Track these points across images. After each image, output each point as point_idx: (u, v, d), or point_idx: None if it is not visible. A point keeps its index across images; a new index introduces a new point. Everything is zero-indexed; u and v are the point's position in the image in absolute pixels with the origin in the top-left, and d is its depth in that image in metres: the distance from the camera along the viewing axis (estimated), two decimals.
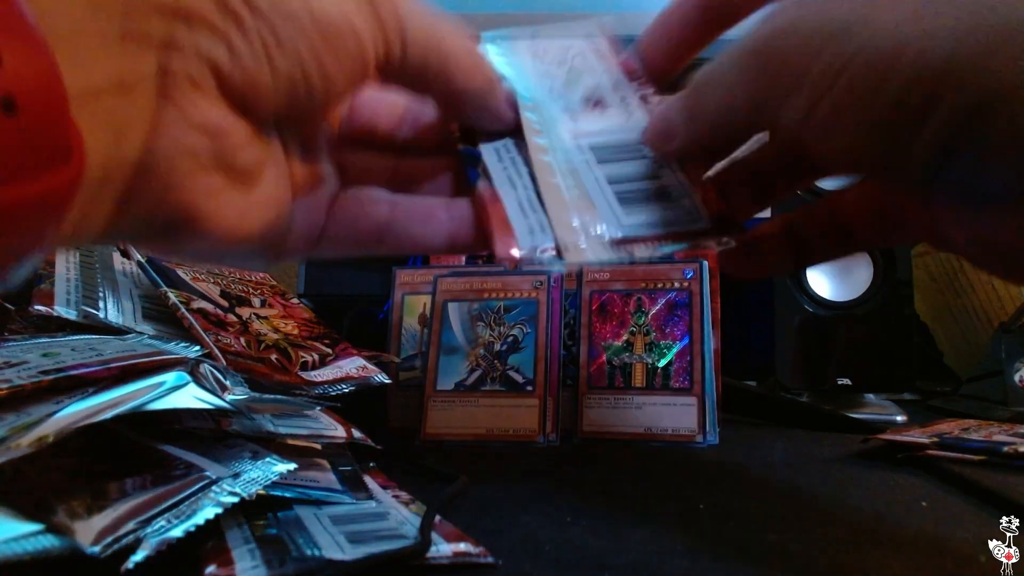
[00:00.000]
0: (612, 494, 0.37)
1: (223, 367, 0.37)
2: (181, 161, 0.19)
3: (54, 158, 0.15)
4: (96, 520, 0.25)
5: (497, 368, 0.52)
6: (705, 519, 0.33)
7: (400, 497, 0.34)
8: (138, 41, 0.17)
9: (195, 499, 0.27)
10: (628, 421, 0.50)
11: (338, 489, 0.33)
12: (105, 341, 0.37)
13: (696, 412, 0.49)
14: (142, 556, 0.24)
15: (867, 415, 0.58)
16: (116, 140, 0.17)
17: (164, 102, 0.18)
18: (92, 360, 0.31)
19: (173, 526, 0.25)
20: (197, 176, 0.20)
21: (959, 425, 0.50)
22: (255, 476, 0.29)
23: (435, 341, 0.54)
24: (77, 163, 0.16)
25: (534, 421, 0.50)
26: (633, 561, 0.27)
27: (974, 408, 0.60)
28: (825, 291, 0.64)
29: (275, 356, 0.44)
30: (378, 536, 0.28)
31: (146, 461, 0.30)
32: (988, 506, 0.34)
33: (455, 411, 0.51)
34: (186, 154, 0.19)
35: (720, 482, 0.40)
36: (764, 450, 0.47)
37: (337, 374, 0.45)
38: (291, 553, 0.26)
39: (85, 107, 0.16)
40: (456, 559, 0.27)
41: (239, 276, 0.55)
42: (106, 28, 0.17)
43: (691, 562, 0.27)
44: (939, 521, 0.32)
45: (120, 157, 0.18)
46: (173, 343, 0.39)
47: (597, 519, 0.33)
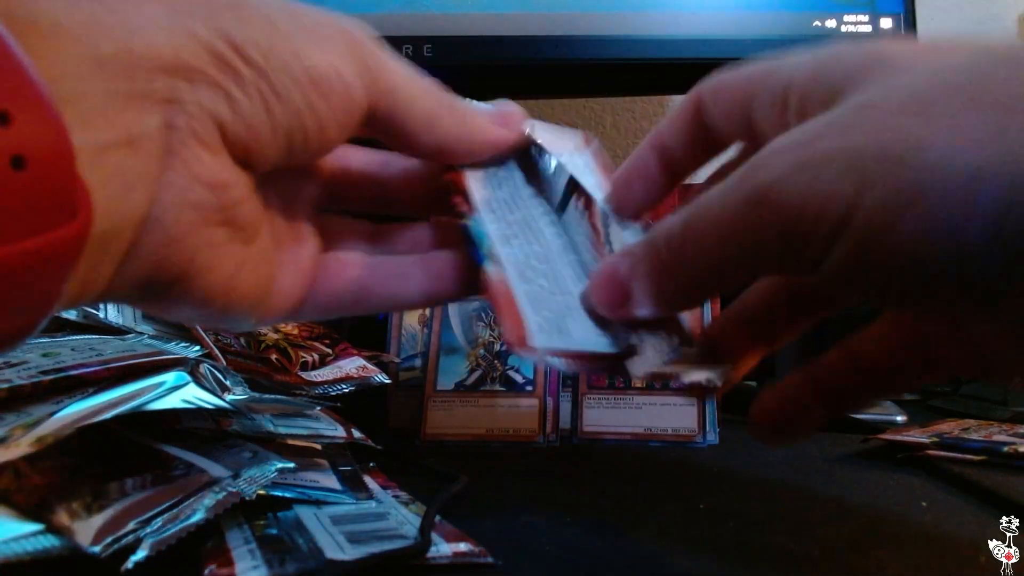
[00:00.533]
0: (612, 494, 0.37)
1: (223, 367, 0.37)
2: (186, 215, 0.19)
3: (61, 213, 0.15)
4: (96, 520, 0.25)
5: (497, 368, 0.52)
6: (705, 519, 0.33)
7: (400, 497, 0.34)
8: (143, 98, 0.18)
9: (195, 499, 0.27)
10: (628, 421, 0.50)
11: (338, 489, 0.33)
12: (105, 341, 0.37)
13: (696, 412, 0.49)
14: (142, 556, 0.24)
15: (867, 415, 0.58)
16: (123, 195, 0.17)
17: (170, 157, 0.19)
18: (92, 360, 0.31)
19: (173, 526, 0.25)
20: (201, 230, 0.20)
21: (959, 425, 0.50)
22: (255, 476, 0.29)
23: (435, 341, 0.54)
24: (84, 218, 0.16)
25: (534, 421, 0.49)
26: (633, 561, 0.27)
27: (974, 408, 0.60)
28: None
29: (275, 356, 0.44)
30: (378, 536, 0.28)
31: (146, 461, 0.30)
32: (988, 506, 0.34)
33: (455, 411, 0.51)
34: (191, 208, 0.19)
35: (720, 482, 0.40)
36: (764, 450, 0.47)
37: (337, 374, 0.45)
38: (291, 553, 0.26)
39: (92, 163, 0.16)
40: (456, 559, 0.27)
41: None
42: (111, 87, 0.17)
43: (691, 562, 0.27)
44: (939, 521, 0.32)
45: (126, 212, 0.18)
46: (173, 343, 0.39)
47: (597, 519, 0.33)
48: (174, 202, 0.19)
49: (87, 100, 0.17)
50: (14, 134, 0.14)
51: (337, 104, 0.21)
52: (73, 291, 0.17)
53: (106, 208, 0.17)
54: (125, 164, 0.17)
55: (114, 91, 0.17)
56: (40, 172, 0.14)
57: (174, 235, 0.19)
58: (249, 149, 0.20)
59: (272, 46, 0.20)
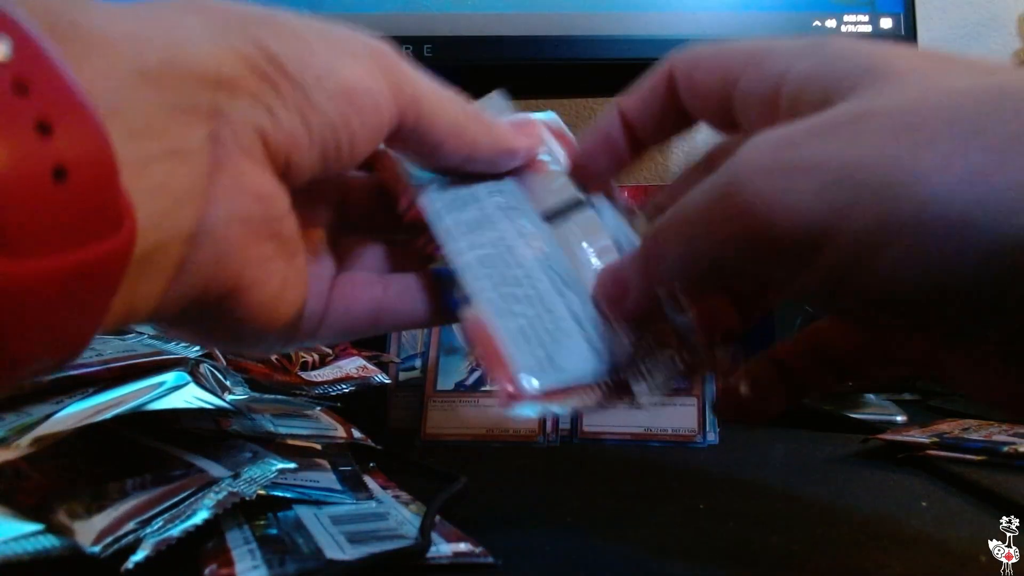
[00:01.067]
0: (612, 494, 0.37)
1: (223, 367, 0.37)
2: (235, 228, 0.19)
3: (104, 227, 0.15)
4: (96, 520, 0.25)
5: None
6: (705, 519, 0.33)
7: (400, 497, 0.34)
8: (188, 112, 0.18)
9: (195, 499, 0.27)
10: (628, 421, 0.50)
11: (338, 489, 0.33)
12: (105, 341, 0.37)
13: (696, 412, 0.49)
14: (142, 556, 0.24)
15: (867, 415, 0.58)
16: (170, 209, 0.17)
17: (216, 170, 0.18)
18: (92, 360, 0.31)
19: (173, 526, 0.25)
20: (250, 244, 0.20)
21: (959, 425, 0.50)
22: (255, 476, 0.29)
23: (435, 341, 0.54)
24: (128, 233, 0.16)
25: (534, 421, 0.49)
26: (633, 561, 0.27)
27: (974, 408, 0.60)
28: None
29: (275, 356, 0.44)
30: (378, 536, 0.28)
31: (146, 461, 0.30)
32: (988, 506, 0.34)
33: (455, 411, 0.51)
34: (239, 221, 0.19)
35: (720, 482, 0.40)
36: (764, 450, 0.47)
37: (337, 374, 0.45)
38: (291, 553, 0.26)
39: (137, 176, 0.16)
40: (456, 559, 0.27)
41: None
42: (157, 100, 0.17)
43: (691, 562, 0.27)
44: (939, 521, 0.32)
45: (174, 226, 0.18)
46: (173, 343, 0.39)
47: (597, 519, 0.33)
48: (223, 216, 0.19)
49: (131, 112, 0.16)
50: (55, 145, 0.14)
51: (368, 116, 0.21)
52: (120, 310, 0.17)
53: (152, 222, 0.17)
54: (171, 178, 0.17)
55: (159, 104, 0.17)
56: (82, 184, 0.14)
57: (224, 250, 0.19)
58: (289, 161, 0.20)
59: (306, 60, 0.20)
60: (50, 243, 0.14)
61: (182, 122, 0.17)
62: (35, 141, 0.13)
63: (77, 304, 0.15)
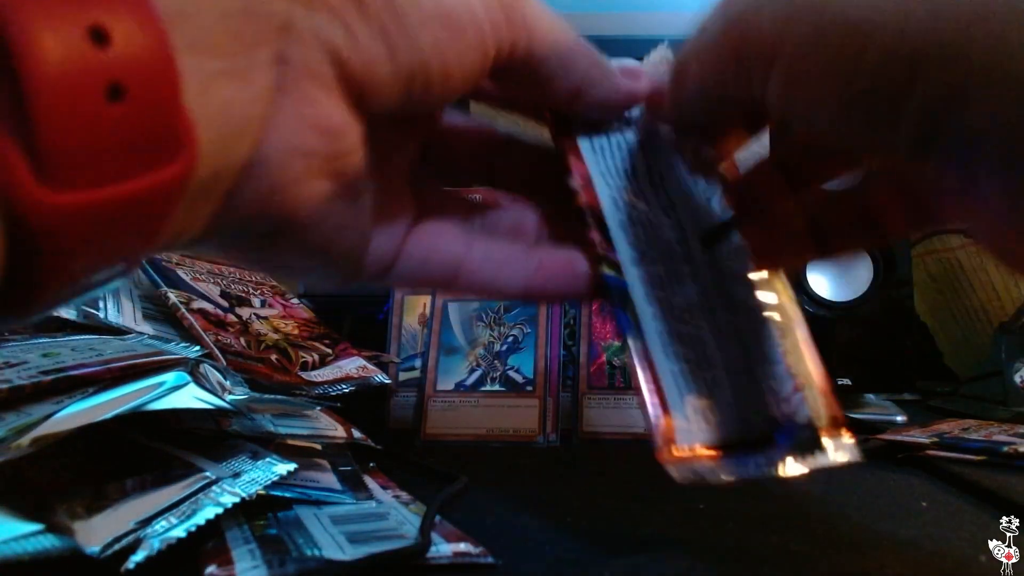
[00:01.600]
0: (612, 494, 0.37)
1: (223, 367, 0.37)
2: (293, 163, 0.17)
3: (162, 152, 0.13)
4: (96, 520, 0.25)
5: (497, 368, 0.52)
6: (705, 519, 0.33)
7: (400, 497, 0.34)
8: (258, 20, 0.16)
9: (195, 499, 0.27)
10: (628, 421, 0.50)
11: (338, 489, 0.33)
12: (105, 341, 0.37)
13: None
14: (142, 556, 0.24)
15: (867, 415, 0.58)
16: (229, 135, 0.16)
17: (280, 95, 0.17)
18: (92, 360, 0.31)
19: (173, 526, 0.25)
20: (307, 181, 0.18)
21: (959, 425, 0.50)
22: (255, 476, 0.29)
23: (435, 341, 0.54)
24: (187, 159, 0.14)
25: (534, 421, 0.49)
26: (633, 561, 0.27)
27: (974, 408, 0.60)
28: (825, 291, 0.64)
29: (275, 356, 0.44)
30: (378, 536, 0.28)
31: (146, 461, 0.30)
32: (988, 506, 0.34)
33: (455, 411, 0.51)
34: (300, 156, 0.17)
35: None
36: None
37: (337, 374, 0.45)
38: (291, 553, 0.26)
39: (198, 96, 0.14)
40: (456, 559, 0.27)
41: (239, 276, 0.55)
42: (226, 4, 0.15)
43: (691, 562, 0.27)
44: (939, 521, 0.32)
45: (230, 157, 0.16)
46: (173, 343, 0.39)
47: (597, 519, 0.33)
48: (281, 148, 0.17)
49: (198, 18, 0.14)
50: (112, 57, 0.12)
51: (467, 49, 0.19)
52: (168, 233, 0.16)
53: (212, 148, 0.15)
54: (233, 99, 0.15)
55: (228, 9, 0.15)
56: (140, 105, 0.12)
57: (278, 185, 0.17)
58: (364, 91, 0.18)
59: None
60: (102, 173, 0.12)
61: (249, 37, 0.16)
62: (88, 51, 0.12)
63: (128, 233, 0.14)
